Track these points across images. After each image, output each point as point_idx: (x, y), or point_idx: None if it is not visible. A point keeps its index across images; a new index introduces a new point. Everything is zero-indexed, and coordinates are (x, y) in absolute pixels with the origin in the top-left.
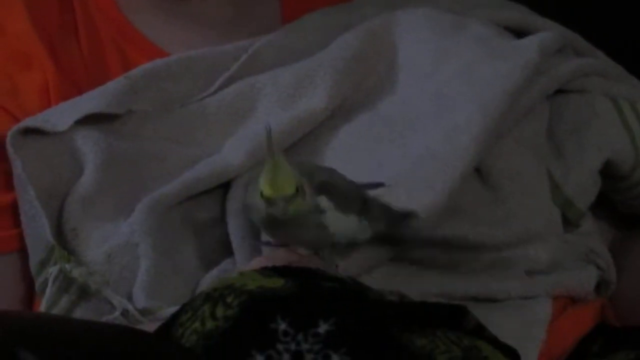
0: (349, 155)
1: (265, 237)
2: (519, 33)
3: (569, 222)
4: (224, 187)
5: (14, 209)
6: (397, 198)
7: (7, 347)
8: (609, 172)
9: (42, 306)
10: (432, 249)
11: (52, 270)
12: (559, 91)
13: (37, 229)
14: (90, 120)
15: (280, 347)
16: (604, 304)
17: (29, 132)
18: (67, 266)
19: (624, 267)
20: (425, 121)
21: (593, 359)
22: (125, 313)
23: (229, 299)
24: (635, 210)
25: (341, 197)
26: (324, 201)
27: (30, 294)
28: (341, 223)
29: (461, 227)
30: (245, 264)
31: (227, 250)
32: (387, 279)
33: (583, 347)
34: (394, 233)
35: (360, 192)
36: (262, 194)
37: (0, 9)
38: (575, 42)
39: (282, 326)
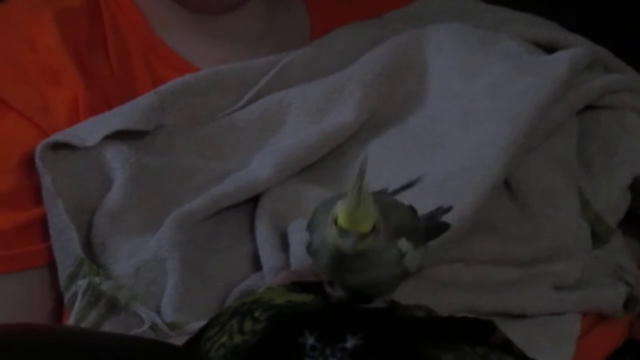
0: (377, 169)
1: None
2: (549, 49)
3: (598, 238)
4: (253, 202)
5: (43, 224)
6: (425, 208)
7: None
8: (638, 188)
9: (71, 320)
10: (460, 264)
11: (81, 284)
12: (589, 107)
13: (66, 243)
14: (119, 135)
15: None
16: (632, 320)
17: (59, 146)
18: (96, 280)
19: None
20: (455, 136)
21: None
22: (153, 327)
23: (257, 314)
24: None
25: (415, 235)
26: (404, 244)
27: (59, 307)
28: (416, 260)
29: (490, 242)
30: (274, 278)
31: (255, 265)
32: (414, 294)
33: None
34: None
35: (420, 222)
36: (336, 221)
37: (30, 24)
38: (606, 58)
39: (310, 341)
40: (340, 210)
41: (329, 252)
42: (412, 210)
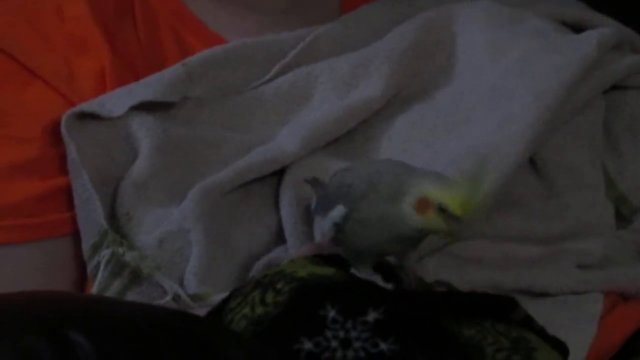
0: (404, 144)
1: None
2: (577, 29)
3: (622, 218)
4: (278, 175)
5: (67, 193)
6: None
7: (59, 329)
8: None
9: (94, 290)
10: (484, 241)
11: (105, 254)
12: (616, 87)
13: (91, 213)
14: (146, 106)
15: (328, 334)
16: None
17: (84, 116)
18: (120, 250)
19: None
20: (481, 113)
21: None
22: (176, 298)
23: (279, 285)
24: None
25: None
26: None
27: (82, 277)
28: None
29: (514, 219)
30: (297, 251)
31: (279, 238)
32: (437, 270)
33: (633, 344)
34: None
35: None
36: (442, 207)
37: None
38: (633, 38)
39: (331, 313)
40: (453, 198)
41: (394, 230)
42: None
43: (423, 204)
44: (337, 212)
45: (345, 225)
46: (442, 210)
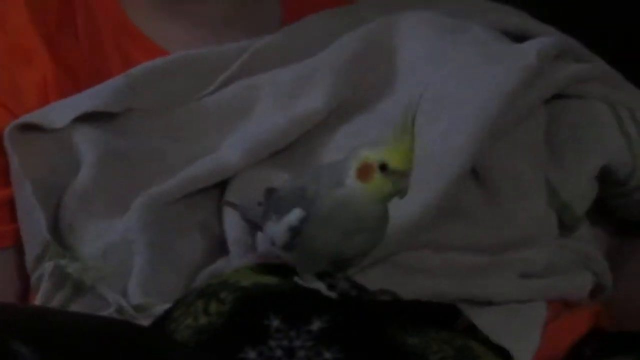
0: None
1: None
2: (519, 38)
3: (565, 227)
4: (221, 186)
5: (11, 205)
6: None
7: (1, 340)
8: (605, 178)
9: (37, 301)
10: (427, 250)
11: (48, 266)
12: (558, 96)
13: (34, 225)
14: (89, 117)
15: (272, 343)
16: (598, 309)
17: (27, 128)
18: (63, 262)
19: (619, 272)
20: (422, 124)
21: None
22: (119, 309)
23: (222, 295)
24: (631, 216)
25: None
26: None
27: (26, 289)
28: None
29: (457, 229)
30: (240, 262)
31: (222, 249)
32: (380, 279)
33: (577, 351)
34: None
35: None
36: (384, 166)
37: (0, 3)
38: (575, 48)
39: (275, 323)
40: (392, 153)
41: (350, 212)
42: None
43: (365, 171)
44: (294, 215)
45: (303, 228)
46: (384, 169)
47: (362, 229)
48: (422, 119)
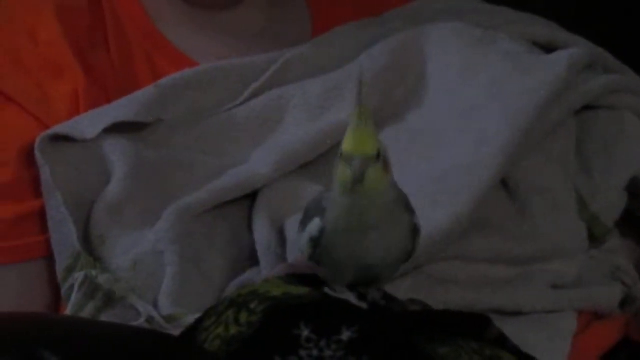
0: None
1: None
2: (548, 49)
3: (595, 239)
4: (251, 197)
5: (42, 216)
6: (422, 207)
7: (33, 349)
8: (635, 189)
9: (68, 312)
10: (457, 261)
11: (78, 277)
12: (588, 107)
13: (64, 235)
14: (119, 128)
15: (303, 353)
16: (628, 320)
17: (58, 139)
18: (93, 272)
19: None
20: (453, 135)
21: None
22: (150, 320)
23: (252, 305)
24: None
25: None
26: (418, 220)
27: (56, 299)
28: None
29: (487, 241)
30: (270, 271)
31: (252, 260)
32: (410, 289)
33: None
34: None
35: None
36: (341, 154)
37: (31, 16)
38: (605, 58)
39: (305, 332)
40: (346, 139)
41: (340, 211)
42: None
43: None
44: (314, 225)
45: (322, 239)
46: (341, 157)
47: (365, 225)
48: (454, 131)
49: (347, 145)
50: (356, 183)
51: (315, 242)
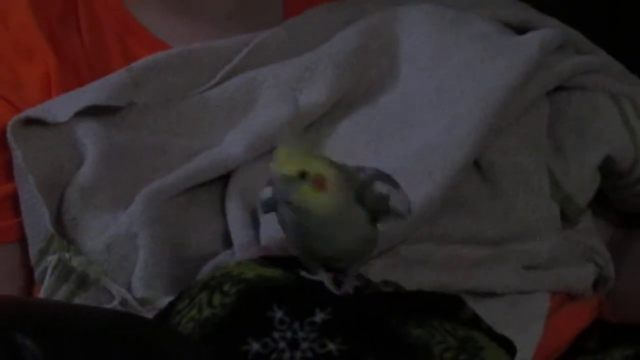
0: (348, 148)
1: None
2: (521, 30)
3: (568, 219)
4: (224, 180)
5: (14, 199)
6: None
7: (5, 332)
8: (608, 169)
9: (41, 295)
10: (430, 243)
11: (52, 259)
12: (560, 88)
13: (37, 219)
14: (91, 111)
15: (276, 335)
16: (601, 300)
17: (30, 122)
18: (66, 255)
19: (622, 264)
20: (426, 115)
21: (589, 355)
22: (123, 302)
23: (226, 287)
24: (634, 208)
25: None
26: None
27: (29, 283)
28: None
29: (460, 221)
30: (244, 254)
31: (225, 242)
32: (384, 271)
33: (580, 342)
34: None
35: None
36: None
37: (1, 0)
38: (577, 39)
39: (279, 314)
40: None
41: (286, 217)
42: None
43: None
44: (266, 191)
45: (285, 225)
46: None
47: (310, 231)
48: (426, 112)
49: (274, 164)
50: (267, 207)
51: (267, 206)
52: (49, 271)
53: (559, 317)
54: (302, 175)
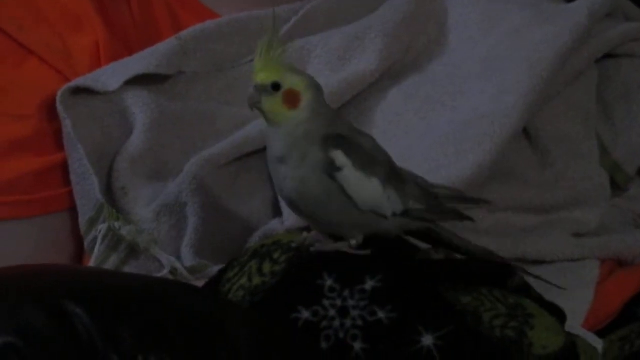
0: (397, 117)
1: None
2: None
3: (617, 186)
4: None
5: (63, 169)
6: (445, 156)
7: (57, 301)
8: None
9: (91, 264)
10: (480, 210)
11: (101, 228)
12: (609, 56)
13: (87, 188)
14: (141, 80)
15: (326, 302)
16: None
17: (80, 91)
18: (116, 224)
19: None
20: (474, 83)
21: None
22: (173, 271)
23: (276, 255)
24: None
25: (362, 156)
26: (340, 157)
27: (79, 252)
28: (362, 186)
29: (509, 189)
30: (293, 222)
31: (275, 211)
32: None
33: (629, 309)
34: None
35: (389, 161)
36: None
37: None
38: (626, 6)
39: (329, 282)
40: None
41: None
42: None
43: None
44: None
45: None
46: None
47: (274, 157)
48: (475, 80)
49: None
50: (251, 106)
51: None
52: (99, 240)
53: (608, 285)
54: (276, 86)
